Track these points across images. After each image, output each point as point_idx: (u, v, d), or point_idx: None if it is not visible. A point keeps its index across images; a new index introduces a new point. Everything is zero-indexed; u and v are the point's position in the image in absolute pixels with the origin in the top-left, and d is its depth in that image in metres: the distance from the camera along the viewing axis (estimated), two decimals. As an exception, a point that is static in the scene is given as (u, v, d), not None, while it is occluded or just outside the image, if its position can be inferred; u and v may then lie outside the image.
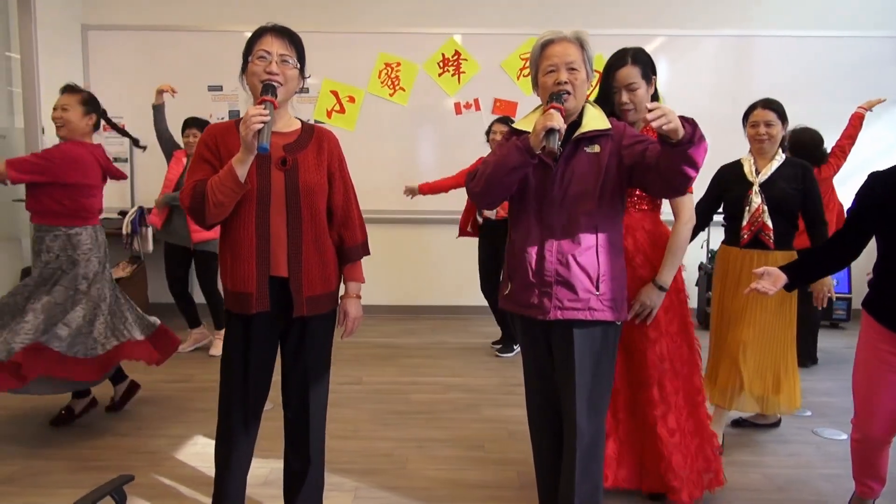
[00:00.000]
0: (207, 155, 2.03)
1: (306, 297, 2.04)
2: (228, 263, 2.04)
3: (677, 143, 1.70)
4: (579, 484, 2.00)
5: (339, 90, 5.68)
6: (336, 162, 2.15)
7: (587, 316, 1.96)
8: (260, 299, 2.00)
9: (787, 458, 3.00)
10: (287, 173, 2.01)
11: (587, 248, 1.95)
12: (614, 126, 2.01)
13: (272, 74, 1.96)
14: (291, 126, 2.12)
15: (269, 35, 2.01)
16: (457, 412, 3.54)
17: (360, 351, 4.72)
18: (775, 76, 5.65)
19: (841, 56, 5.63)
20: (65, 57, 5.50)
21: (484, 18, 5.64)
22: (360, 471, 2.82)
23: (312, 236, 2.05)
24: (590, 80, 1.99)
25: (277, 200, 2.00)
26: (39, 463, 2.85)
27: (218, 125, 2.09)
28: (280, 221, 2.01)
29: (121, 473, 1.48)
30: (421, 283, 5.84)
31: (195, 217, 1.98)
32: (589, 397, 1.99)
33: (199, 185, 1.94)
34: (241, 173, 1.89)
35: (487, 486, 2.73)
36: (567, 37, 1.95)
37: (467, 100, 5.73)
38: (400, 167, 5.74)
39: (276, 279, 2.03)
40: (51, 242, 3.03)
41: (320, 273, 2.08)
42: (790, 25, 5.69)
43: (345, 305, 2.22)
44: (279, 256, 2.02)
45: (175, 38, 5.63)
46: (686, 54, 5.70)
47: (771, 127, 3.01)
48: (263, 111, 1.84)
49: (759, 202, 2.99)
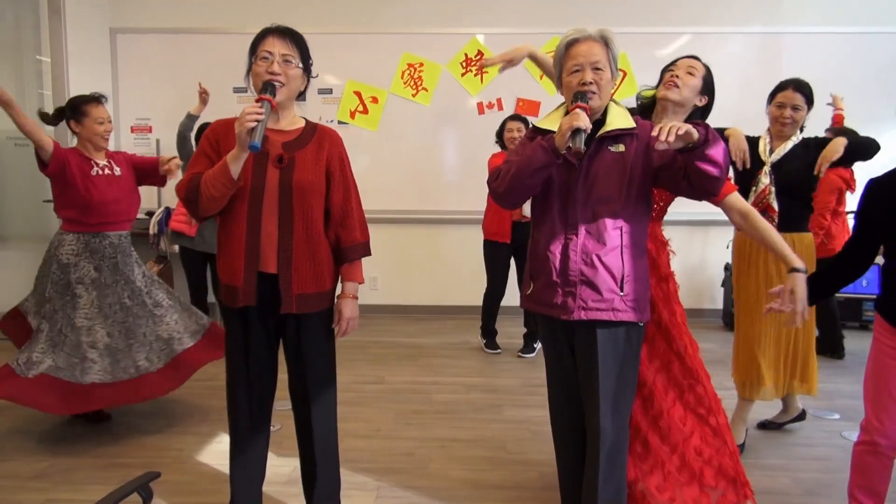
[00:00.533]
0: (207, 149, 2.06)
1: (296, 295, 2.05)
2: (222, 258, 2.08)
3: (693, 145, 1.74)
4: (602, 486, 1.99)
5: (363, 91, 5.70)
6: (336, 161, 2.13)
7: (611, 317, 1.94)
8: (246, 294, 2.02)
9: (815, 462, 2.94)
10: (283, 171, 2.02)
11: (612, 248, 1.94)
12: (640, 125, 1.99)
13: (274, 74, 1.98)
14: (295, 125, 2.12)
15: (271, 36, 2.04)
16: (478, 412, 3.54)
17: (383, 350, 4.73)
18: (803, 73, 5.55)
19: (871, 53, 5.52)
20: (94, 60, 5.60)
21: (507, 18, 5.62)
22: (381, 470, 2.83)
23: (304, 235, 2.05)
24: (614, 79, 1.97)
25: (270, 197, 2.01)
26: (68, 460, 2.90)
27: (222, 121, 2.12)
28: (272, 218, 2.02)
29: (147, 470, 1.50)
30: (444, 282, 5.84)
31: (189, 209, 2.02)
32: (612, 399, 1.98)
33: (195, 178, 1.98)
34: (234, 170, 1.92)
35: (509, 486, 2.72)
36: (592, 35, 1.94)
37: (490, 100, 5.72)
38: (423, 168, 5.75)
39: (266, 275, 2.04)
40: None
41: (312, 272, 2.08)
42: (818, 22, 5.59)
43: (339, 305, 2.19)
44: (269, 253, 2.03)
45: (201, 41, 5.69)
46: (712, 52, 5.62)
47: (797, 111, 2.94)
48: (259, 109, 1.86)
49: (767, 183, 2.94)
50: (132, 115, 5.82)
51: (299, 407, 2.22)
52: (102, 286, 3.10)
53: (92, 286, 3.08)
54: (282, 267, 2.03)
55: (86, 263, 3.08)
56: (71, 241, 3.08)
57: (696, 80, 2.29)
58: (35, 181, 5.01)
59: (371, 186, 5.77)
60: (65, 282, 3.05)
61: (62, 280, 3.05)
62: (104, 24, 5.73)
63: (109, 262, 3.13)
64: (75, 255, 3.07)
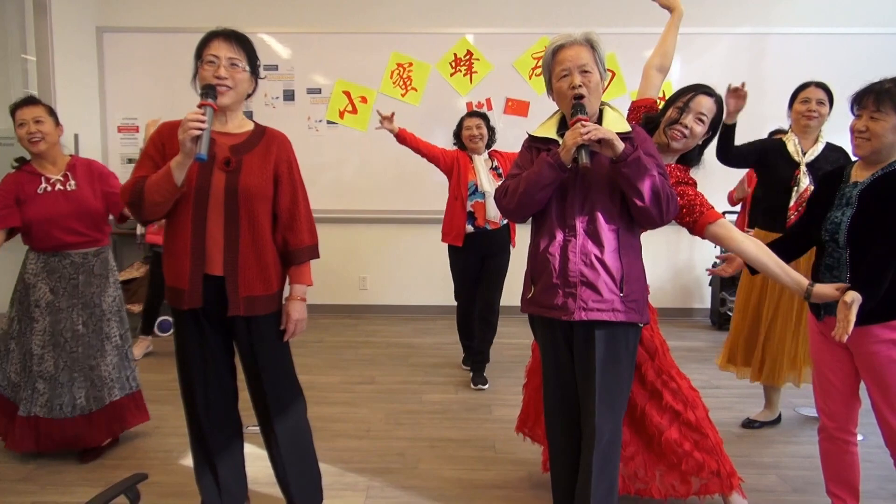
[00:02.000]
0: (152, 152, 2.05)
1: (242, 297, 2.05)
2: (167, 260, 2.07)
3: (616, 159, 1.85)
4: (596, 484, 2.00)
5: (352, 90, 5.68)
6: (284, 165, 2.12)
7: (611, 317, 1.95)
8: (192, 296, 2.02)
9: (803, 460, 2.97)
10: (229, 174, 2.02)
11: (611, 249, 1.95)
12: (636, 131, 2.00)
13: (221, 79, 1.97)
14: (243, 127, 2.12)
15: (216, 39, 2.04)
16: (469, 412, 3.54)
17: (374, 351, 4.73)
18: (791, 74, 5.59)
19: (859, 54, 5.56)
20: (80, 59, 5.55)
21: (496, 18, 5.63)
22: (372, 470, 2.83)
23: (250, 238, 2.04)
24: (603, 80, 1.99)
25: (216, 201, 2.00)
26: (55, 462, 2.88)
27: (169, 123, 2.08)
28: (217, 221, 2.01)
29: (135, 472, 1.49)
30: (434, 282, 5.83)
31: (133, 212, 2.02)
32: (607, 398, 1.98)
33: (139, 183, 1.97)
34: (178, 176, 1.91)
35: (499, 486, 2.72)
36: (577, 40, 1.95)
37: (479, 99, 5.72)
38: (412, 167, 5.73)
39: (212, 278, 2.03)
40: None
41: (259, 274, 2.07)
42: (807, 23, 5.63)
43: (287, 307, 2.17)
44: (215, 256, 2.02)
45: (189, 40, 5.56)
46: (700, 53, 5.66)
47: (822, 106, 3.01)
48: (202, 116, 1.84)
49: (808, 183, 2.97)
50: (119, 115, 5.78)
51: (261, 412, 2.21)
52: (56, 311, 2.84)
53: (47, 310, 2.83)
54: (228, 269, 2.02)
55: (43, 285, 2.83)
56: (32, 259, 2.85)
57: (703, 129, 2.22)
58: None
59: (360, 186, 5.78)
60: (26, 303, 2.85)
61: (24, 300, 2.86)
62: (90, 23, 5.69)
63: (69, 283, 2.85)
64: (34, 276, 2.84)
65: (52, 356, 2.83)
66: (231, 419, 2.25)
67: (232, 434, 2.25)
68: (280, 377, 2.20)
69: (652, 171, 1.86)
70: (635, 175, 1.85)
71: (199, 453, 2.23)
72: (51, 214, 2.78)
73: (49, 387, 2.82)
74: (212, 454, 2.20)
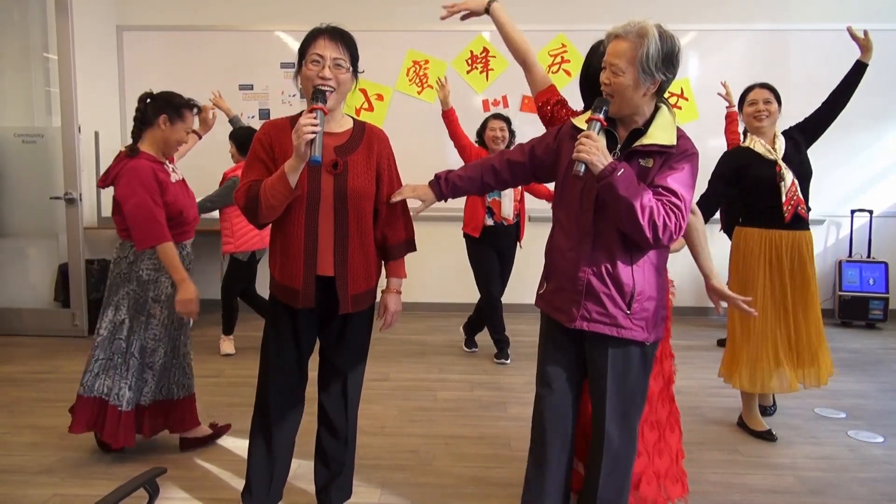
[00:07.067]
0: (262, 154, 2.08)
1: (351, 296, 2.11)
2: (279, 259, 2.11)
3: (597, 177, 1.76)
4: (603, 488, 1.97)
5: (368, 88, 5.70)
6: (385, 162, 2.17)
7: (613, 332, 1.89)
8: (306, 297, 2.07)
9: (820, 461, 2.94)
10: (336, 177, 2.05)
11: (624, 263, 1.87)
12: (680, 146, 1.84)
13: (325, 80, 1.99)
14: (343, 126, 2.14)
15: (322, 38, 2.05)
16: (483, 410, 3.54)
17: (389, 347, 4.74)
18: (810, 71, 5.54)
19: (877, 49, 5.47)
20: (100, 57, 5.63)
21: (512, 15, 5.57)
22: (386, 467, 2.84)
23: (359, 238, 2.10)
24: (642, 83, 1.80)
25: (326, 203, 2.04)
26: (76, 455, 2.92)
27: (273, 123, 2.13)
28: (328, 223, 2.05)
29: (154, 466, 1.51)
30: (450, 280, 5.84)
31: (249, 216, 2.05)
32: (618, 405, 1.94)
33: (254, 187, 2.00)
34: (292, 180, 1.94)
35: (513, 483, 2.72)
36: (617, 32, 1.87)
37: (495, 97, 5.72)
38: (428, 165, 5.70)
39: (322, 278, 2.08)
40: None
41: (364, 272, 2.14)
42: (825, 19, 5.56)
43: (385, 300, 2.28)
44: (326, 257, 2.07)
45: (207, 38, 5.71)
46: (719, 49, 5.62)
47: (770, 104, 3.08)
48: (314, 120, 1.87)
49: (792, 177, 3.00)
50: (138, 113, 5.84)
51: (335, 393, 2.26)
52: (172, 302, 2.77)
53: (166, 303, 2.78)
54: (338, 270, 2.08)
55: (165, 279, 2.76)
56: (150, 255, 2.73)
57: None
58: (42, 178, 5.05)
59: (376, 184, 5.80)
60: (142, 300, 2.75)
61: (140, 298, 2.75)
62: (111, 22, 5.76)
63: None
64: (155, 271, 2.75)
65: (164, 347, 2.82)
66: (296, 397, 2.27)
67: (293, 410, 2.27)
68: (360, 365, 2.30)
69: (633, 198, 1.72)
70: (609, 198, 1.77)
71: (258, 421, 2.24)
72: (184, 203, 2.81)
73: (156, 377, 2.82)
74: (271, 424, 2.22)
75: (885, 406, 3.63)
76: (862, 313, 5.54)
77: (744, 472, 2.82)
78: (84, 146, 5.09)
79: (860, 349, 4.72)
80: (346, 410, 2.27)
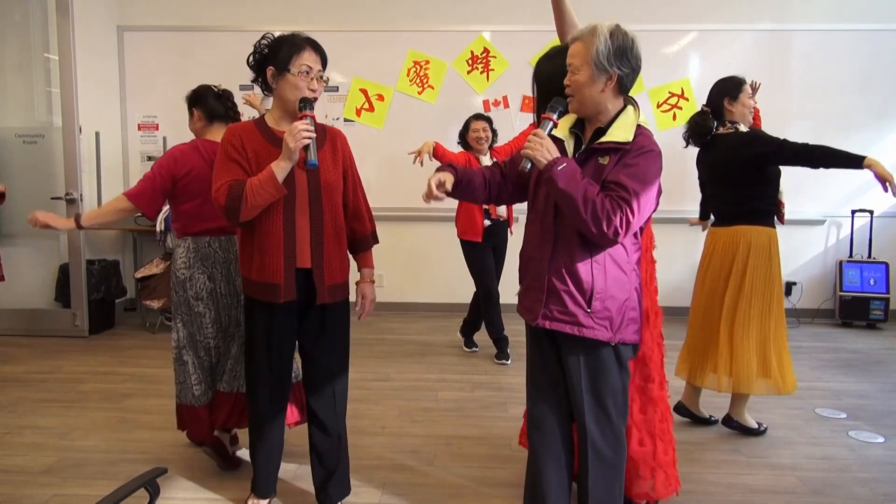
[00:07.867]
0: (235, 155, 2.14)
1: (328, 286, 2.20)
2: (255, 257, 2.16)
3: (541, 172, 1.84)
4: (592, 487, 1.97)
5: (369, 88, 5.70)
6: (349, 159, 2.31)
7: (574, 331, 1.89)
8: (287, 290, 2.15)
9: (821, 462, 2.94)
10: (309, 173, 2.15)
11: (582, 260, 1.87)
12: (636, 143, 1.84)
13: (314, 91, 2.11)
14: None
15: (309, 49, 2.13)
16: (485, 410, 3.54)
17: (390, 348, 4.74)
18: (811, 71, 5.54)
19: (880, 50, 5.49)
20: (101, 58, 5.63)
21: (513, 15, 5.61)
22: (387, 467, 2.84)
23: (333, 230, 2.21)
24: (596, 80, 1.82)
25: (301, 198, 2.15)
26: (77, 455, 2.92)
27: (239, 125, 2.24)
28: (304, 217, 2.16)
29: (155, 466, 1.51)
30: (450, 280, 5.84)
31: (229, 216, 2.09)
32: (594, 406, 1.94)
33: (236, 186, 2.06)
34: (281, 180, 2.04)
35: (515, 484, 2.72)
36: (575, 34, 1.92)
37: (496, 97, 5.72)
38: (429, 165, 5.73)
39: (300, 270, 2.17)
40: None
41: (339, 264, 2.25)
42: (828, 19, 5.56)
43: (363, 289, 2.39)
44: (303, 250, 2.17)
45: (208, 39, 5.71)
46: (719, 49, 5.61)
47: None
48: (309, 126, 2.00)
49: None
50: (139, 113, 5.85)
51: (322, 388, 2.31)
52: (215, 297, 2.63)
53: (209, 299, 2.61)
54: (315, 261, 2.18)
55: (199, 275, 2.60)
56: (182, 251, 2.62)
57: None
58: (43, 178, 5.05)
59: (377, 184, 5.80)
60: (184, 300, 2.62)
61: (182, 298, 2.62)
62: (111, 22, 5.76)
63: (222, 266, 2.64)
64: (187, 268, 2.60)
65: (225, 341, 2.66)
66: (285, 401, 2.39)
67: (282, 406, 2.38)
68: (344, 357, 2.37)
69: (574, 192, 1.74)
70: (551, 191, 1.83)
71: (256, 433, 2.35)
72: None
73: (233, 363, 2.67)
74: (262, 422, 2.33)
75: (886, 406, 3.63)
76: (863, 314, 5.55)
77: (744, 472, 2.82)
78: (85, 146, 5.11)
79: (861, 349, 4.72)
80: (334, 407, 2.33)
